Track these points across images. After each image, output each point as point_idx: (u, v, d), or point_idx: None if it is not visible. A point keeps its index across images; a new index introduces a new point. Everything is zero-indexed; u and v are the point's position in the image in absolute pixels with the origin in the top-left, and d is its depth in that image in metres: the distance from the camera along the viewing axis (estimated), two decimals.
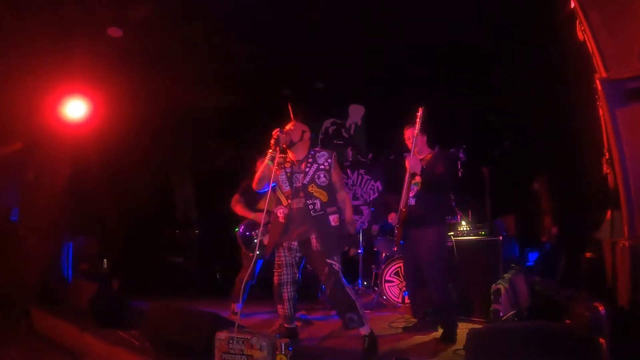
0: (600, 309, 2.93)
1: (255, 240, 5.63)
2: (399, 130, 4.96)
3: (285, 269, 4.35)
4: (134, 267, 7.61)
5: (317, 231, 4.16)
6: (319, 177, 4.28)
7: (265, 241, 5.50)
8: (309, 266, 4.51)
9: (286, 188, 4.33)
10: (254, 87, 8.01)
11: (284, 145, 4.23)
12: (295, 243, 4.33)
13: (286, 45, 6.92)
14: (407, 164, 4.53)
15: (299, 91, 8.14)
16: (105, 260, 7.48)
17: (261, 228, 5.11)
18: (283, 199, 4.35)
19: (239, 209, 5.86)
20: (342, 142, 9.11)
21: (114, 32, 6.18)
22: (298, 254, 4.39)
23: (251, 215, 5.77)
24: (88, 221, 7.32)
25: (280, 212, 4.34)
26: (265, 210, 4.07)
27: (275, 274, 4.39)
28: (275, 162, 4.20)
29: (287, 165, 4.38)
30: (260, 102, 8.40)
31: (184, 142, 8.36)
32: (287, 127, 4.37)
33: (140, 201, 7.77)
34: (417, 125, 4.51)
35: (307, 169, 4.31)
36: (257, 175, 4.31)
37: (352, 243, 6.91)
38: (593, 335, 2.78)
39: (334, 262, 4.13)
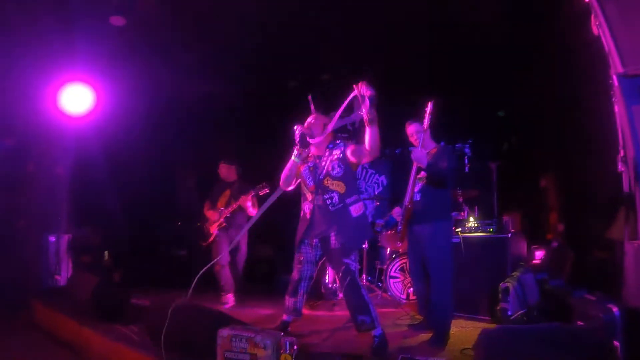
0: (614, 310, 2.85)
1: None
2: (403, 124, 4.89)
3: (306, 265, 4.39)
4: (136, 259, 7.55)
5: (336, 227, 4.11)
6: (333, 169, 4.20)
7: (212, 230, 6.33)
8: (327, 264, 4.48)
9: (310, 183, 4.28)
10: (259, 81, 7.92)
11: (310, 140, 4.17)
12: (316, 240, 4.31)
13: (292, 38, 6.82)
14: (412, 156, 4.45)
15: (304, 83, 8.06)
16: (106, 252, 7.41)
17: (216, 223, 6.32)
18: (308, 195, 4.31)
19: (205, 210, 6.62)
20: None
21: (117, 20, 6.09)
22: (318, 252, 4.38)
23: (209, 215, 6.52)
24: (90, 213, 7.24)
25: (306, 208, 4.32)
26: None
27: (296, 269, 4.43)
28: (302, 159, 4.22)
29: (310, 159, 4.34)
30: (265, 95, 8.32)
31: (188, 134, 8.27)
32: (308, 120, 4.31)
33: (143, 193, 7.71)
34: (426, 120, 4.43)
35: (323, 163, 4.25)
36: (284, 173, 4.25)
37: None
38: (607, 338, 2.71)
39: (350, 262, 4.09)
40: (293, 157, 4.18)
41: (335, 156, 4.24)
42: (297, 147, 4.15)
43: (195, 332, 3.50)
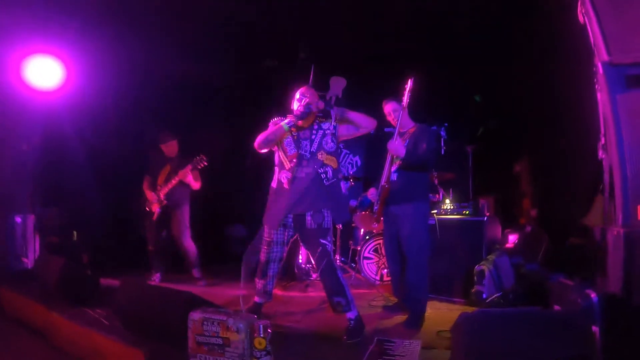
0: (592, 296, 2.84)
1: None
2: (381, 104, 4.83)
3: (275, 246, 4.26)
4: (106, 239, 7.37)
5: (329, 203, 4.08)
6: (326, 143, 4.15)
7: (154, 209, 6.32)
8: (301, 244, 4.37)
9: (291, 151, 4.17)
10: (240, 58, 7.74)
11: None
12: (291, 218, 4.19)
13: (273, 16, 6.66)
14: (389, 147, 4.41)
15: (280, 62, 7.94)
16: (75, 232, 7.21)
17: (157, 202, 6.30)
18: (286, 163, 4.17)
19: (144, 187, 6.56)
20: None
21: None
22: (290, 232, 4.27)
23: (149, 196, 6.45)
24: (59, 192, 7.01)
25: (284, 178, 4.16)
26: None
27: (264, 250, 4.29)
28: (293, 128, 4.13)
29: (294, 129, 4.20)
30: (242, 73, 8.15)
31: (164, 111, 8.06)
32: (304, 90, 4.25)
33: (115, 172, 7.50)
34: (406, 98, 4.37)
35: (314, 137, 4.15)
36: (266, 136, 4.15)
37: None
38: (586, 324, 2.70)
39: (327, 243, 4.03)
40: (284, 124, 4.10)
41: (328, 130, 4.18)
42: (294, 115, 4.09)
43: (165, 314, 3.39)
